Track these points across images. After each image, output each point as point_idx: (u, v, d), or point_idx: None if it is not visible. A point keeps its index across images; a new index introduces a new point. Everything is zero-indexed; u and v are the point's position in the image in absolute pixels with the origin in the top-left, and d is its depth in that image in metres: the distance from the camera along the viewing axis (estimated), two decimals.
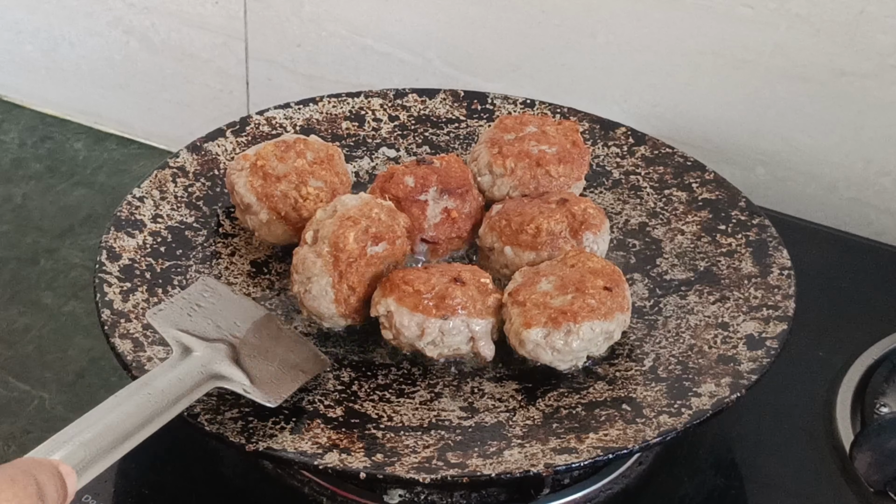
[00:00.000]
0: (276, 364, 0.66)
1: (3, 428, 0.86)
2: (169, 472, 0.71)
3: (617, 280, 0.71)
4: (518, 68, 1.02)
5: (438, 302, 0.69)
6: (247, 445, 0.62)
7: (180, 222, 0.80)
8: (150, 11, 1.14)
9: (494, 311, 0.71)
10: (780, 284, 0.75)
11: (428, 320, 0.69)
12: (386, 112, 0.91)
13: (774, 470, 0.72)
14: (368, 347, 0.72)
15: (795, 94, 0.93)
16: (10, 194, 1.11)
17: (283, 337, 0.70)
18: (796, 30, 0.90)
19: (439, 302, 0.69)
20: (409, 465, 0.62)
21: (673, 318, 0.74)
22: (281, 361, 0.67)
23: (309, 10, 1.07)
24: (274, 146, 0.79)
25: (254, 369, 0.65)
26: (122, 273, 0.74)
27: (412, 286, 0.69)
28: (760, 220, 0.80)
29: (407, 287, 0.69)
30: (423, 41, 1.04)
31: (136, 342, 0.69)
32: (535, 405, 0.68)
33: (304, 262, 0.71)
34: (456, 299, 0.69)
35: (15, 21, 1.22)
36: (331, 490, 0.69)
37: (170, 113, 1.19)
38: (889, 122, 0.91)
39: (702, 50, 0.94)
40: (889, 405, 0.76)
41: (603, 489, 0.70)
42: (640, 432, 0.64)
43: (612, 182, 0.86)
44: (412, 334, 0.69)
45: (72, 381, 0.91)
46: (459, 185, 0.78)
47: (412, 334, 0.69)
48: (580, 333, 0.68)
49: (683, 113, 0.97)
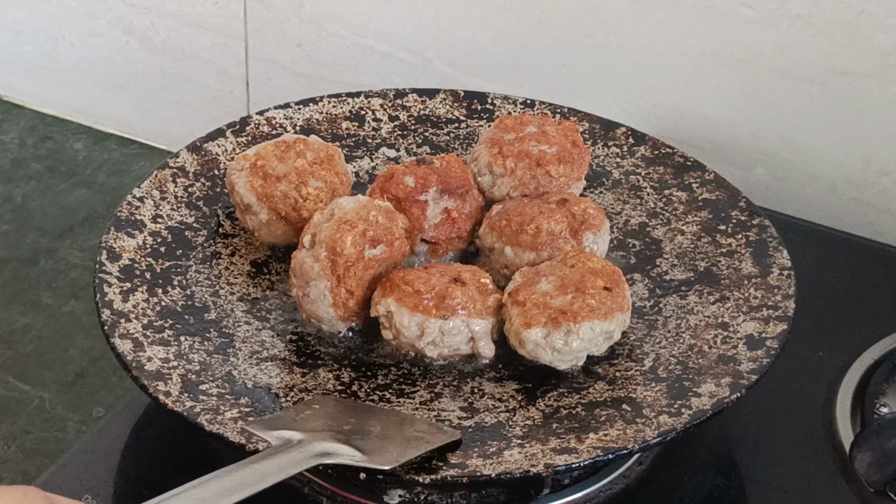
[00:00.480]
0: (396, 441, 0.62)
1: (3, 428, 0.86)
2: (169, 471, 0.71)
3: (617, 280, 0.71)
4: (518, 68, 1.02)
5: (438, 302, 0.69)
6: (247, 445, 0.62)
7: (180, 222, 0.80)
8: (150, 11, 1.14)
9: (494, 312, 0.71)
10: (780, 284, 0.75)
11: (428, 320, 0.69)
12: (386, 112, 0.91)
13: (774, 470, 0.72)
14: (368, 348, 0.72)
15: (795, 94, 0.93)
16: (10, 194, 1.11)
17: (410, 421, 0.66)
18: (796, 30, 0.90)
19: (439, 302, 0.69)
20: (409, 466, 0.62)
21: (673, 319, 0.74)
22: (403, 438, 0.63)
23: (309, 10, 1.07)
24: (274, 146, 0.79)
25: (366, 446, 0.61)
26: (122, 273, 0.74)
27: (412, 286, 0.69)
28: (760, 220, 0.80)
29: (407, 287, 0.69)
30: (423, 41, 1.04)
31: (136, 342, 0.69)
32: (535, 405, 0.68)
33: (302, 266, 0.71)
34: (456, 299, 0.69)
35: (15, 21, 1.22)
36: (331, 490, 0.69)
37: (170, 113, 1.19)
38: (889, 122, 0.91)
39: (702, 50, 0.94)
40: (889, 405, 0.76)
41: (603, 489, 0.70)
42: (640, 432, 0.64)
43: (612, 182, 0.86)
44: (412, 334, 0.69)
45: (72, 381, 0.91)
46: (459, 185, 0.78)
47: (412, 334, 0.69)
48: (580, 333, 0.68)
49: (683, 113, 0.97)
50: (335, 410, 0.66)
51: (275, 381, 0.69)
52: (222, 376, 0.68)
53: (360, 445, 0.61)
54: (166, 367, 0.67)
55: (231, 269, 0.78)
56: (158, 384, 0.66)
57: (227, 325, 0.73)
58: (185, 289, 0.75)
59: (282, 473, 0.57)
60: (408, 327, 0.69)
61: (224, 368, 0.69)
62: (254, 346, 0.72)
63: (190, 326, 0.72)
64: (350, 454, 0.60)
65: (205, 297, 0.75)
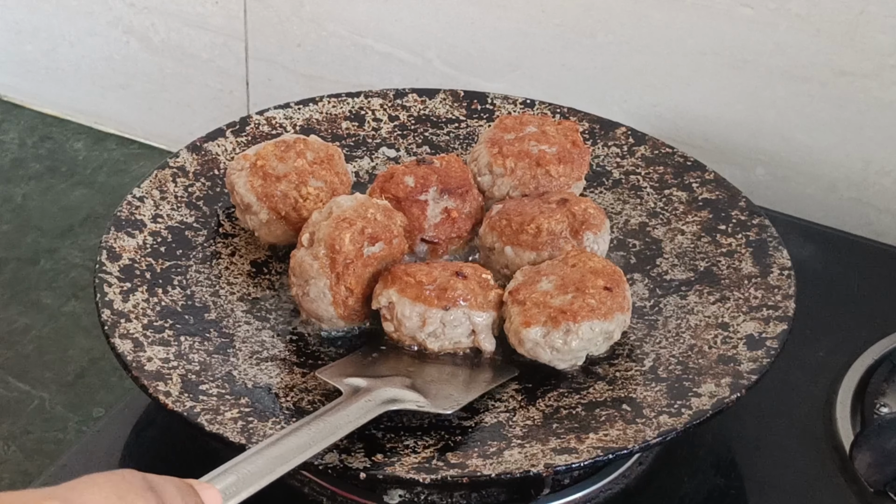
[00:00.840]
0: (457, 384, 0.66)
1: (3, 428, 0.86)
2: (169, 472, 0.71)
3: (617, 280, 0.71)
4: (518, 68, 1.02)
5: (440, 293, 0.69)
6: (247, 445, 0.62)
7: (180, 222, 0.80)
8: (150, 11, 1.14)
9: (496, 306, 0.71)
10: (780, 284, 0.74)
11: (429, 310, 0.69)
12: (386, 112, 0.91)
13: (774, 470, 0.72)
14: (368, 347, 0.72)
15: (795, 94, 0.93)
16: (10, 194, 1.11)
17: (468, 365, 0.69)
18: (796, 30, 0.90)
19: (441, 293, 0.69)
20: (409, 466, 0.62)
21: (673, 318, 0.74)
22: (464, 380, 0.67)
23: (309, 10, 1.07)
24: (274, 146, 0.79)
25: (431, 391, 0.65)
26: (122, 273, 0.74)
27: (414, 277, 0.69)
28: (760, 220, 0.80)
29: (409, 278, 0.69)
30: (423, 41, 1.04)
31: (136, 342, 0.69)
32: (535, 405, 0.68)
33: (301, 264, 0.71)
34: (457, 291, 0.69)
35: (15, 21, 1.22)
36: (331, 490, 0.69)
37: (170, 113, 1.19)
38: (889, 122, 0.91)
39: (702, 50, 0.94)
40: (889, 405, 0.76)
41: (603, 489, 0.70)
42: (640, 432, 0.64)
43: (612, 182, 0.86)
44: (413, 325, 0.69)
45: (72, 381, 0.91)
46: (459, 185, 0.78)
47: (413, 325, 0.69)
48: (579, 333, 0.68)
49: (683, 113, 0.97)
50: (399, 354, 0.69)
51: (275, 381, 0.69)
52: (222, 376, 0.68)
53: (424, 389, 0.64)
54: (166, 367, 0.67)
55: (231, 269, 0.78)
56: (158, 384, 0.66)
57: (227, 325, 0.73)
58: (185, 289, 0.75)
59: (353, 424, 0.61)
60: (409, 317, 0.69)
61: (224, 368, 0.69)
62: (254, 346, 0.72)
63: (190, 326, 0.72)
64: (414, 399, 0.64)
65: (205, 297, 0.75)
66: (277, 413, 0.66)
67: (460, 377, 0.67)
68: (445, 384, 0.66)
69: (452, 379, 0.67)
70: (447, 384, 0.66)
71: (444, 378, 0.67)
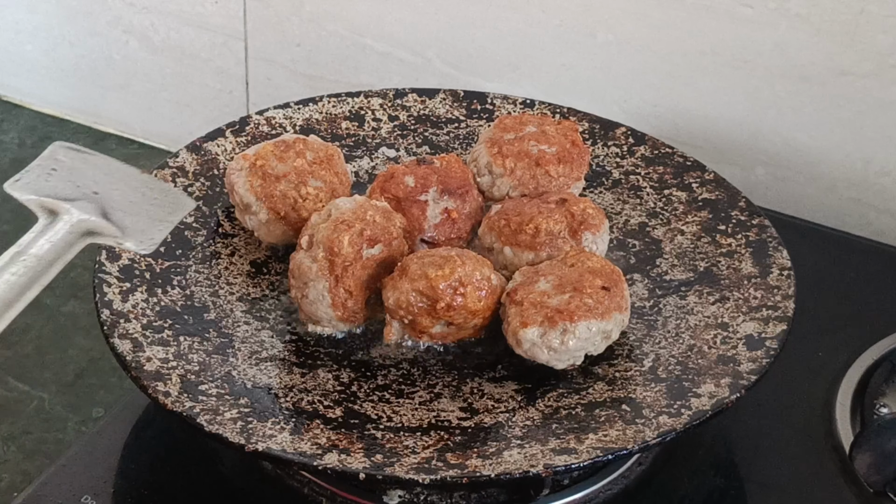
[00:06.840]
0: (143, 215, 0.68)
1: (3, 428, 0.87)
2: (169, 472, 0.71)
3: (616, 280, 0.71)
4: (518, 68, 1.02)
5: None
6: (246, 446, 0.62)
7: (180, 222, 0.80)
8: (150, 11, 1.14)
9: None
10: (780, 285, 0.74)
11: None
12: (386, 112, 0.91)
13: (774, 470, 0.72)
14: (368, 348, 0.72)
15: (795, 94, 0.93)
16: (10, 194, 1.11)
17: (145, 187, 0.71)
18: (796, 30, 0.90)
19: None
20: (408, 466, 0.62)
21: (672, 319, 0.74)
22: (147, 212, 0.68)
23: (309, 10, 1.07)
24: (273, 146, 0.79)
25: (123, 222, 0.66)
26: (122, 273, 0.74)
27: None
28: (760, 220, 0.80)
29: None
30: (422, 41, 1.04)
31: (136, 342, 0.69)
32: (535, 406, 0.68)
33: (300, 267, 0.71)
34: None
35: (15, 21, 1.22)
36: (330, 490, 0.69)
37: (170, 113, 1.19)
38: (889, 122, 0.91)
39: (702, 50, 0.94)
40: (889, 405, 0.76)
41: (603, 489, 0.70)
42: (640, 433, 0.64)
43: (611, 182, 0.86)
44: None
45: (71, 381, 0.91)
46: (459, 186, 0.78)
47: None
48: (576, 333, 0.68)
49: (683, 113, 0.97)
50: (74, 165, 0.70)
51: (274, 381, 0.69)
52: (222, 376, 0.68)
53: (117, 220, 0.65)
54: (166, 367, 0.67)
55: (231, 269, 0.78)
56: (158, 384, 0.66)
57: (226, 326, 0.73)
58: (184, 289, 0.75)
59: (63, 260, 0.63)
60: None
61: (223, 369, 0.69)
62: (253, 346, 0.72)
63: (189, 326, 0.72)
64: (113, 233, 0.65)
65: (204, 297, 0.75)
66: (277, 413, 0.66)
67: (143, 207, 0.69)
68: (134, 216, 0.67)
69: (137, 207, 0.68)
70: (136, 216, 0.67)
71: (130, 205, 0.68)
